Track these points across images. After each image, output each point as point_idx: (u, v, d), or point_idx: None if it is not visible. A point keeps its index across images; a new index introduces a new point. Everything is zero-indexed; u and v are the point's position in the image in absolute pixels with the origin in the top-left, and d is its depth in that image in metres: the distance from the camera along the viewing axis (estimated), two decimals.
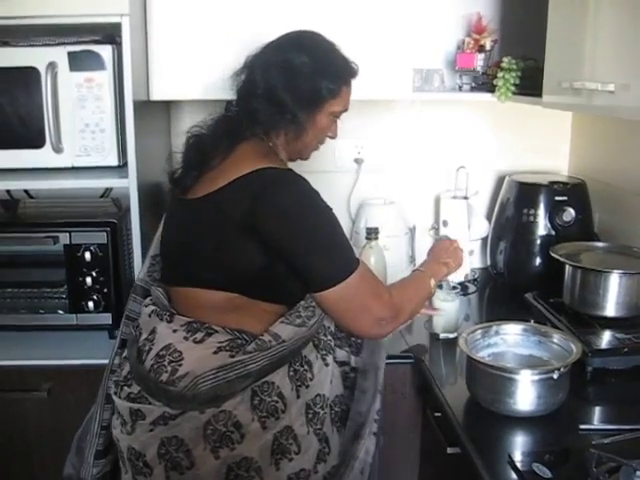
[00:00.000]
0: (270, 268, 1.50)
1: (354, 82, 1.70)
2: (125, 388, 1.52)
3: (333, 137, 1.73)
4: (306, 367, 1.53)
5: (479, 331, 1.75)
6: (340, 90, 1.63)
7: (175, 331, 1.49)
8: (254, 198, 1.45)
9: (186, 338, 1.47)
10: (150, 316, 1.56)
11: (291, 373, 1.50)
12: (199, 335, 1.47)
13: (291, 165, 1.66)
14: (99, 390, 1.70)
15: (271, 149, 1.60)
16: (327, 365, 1.58)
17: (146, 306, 1.61)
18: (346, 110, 1.69)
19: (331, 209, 1.55)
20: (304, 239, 1.49)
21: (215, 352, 1.45)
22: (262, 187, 1.46)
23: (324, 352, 1.59)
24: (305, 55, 1.58)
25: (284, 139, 1.63)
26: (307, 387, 1.51)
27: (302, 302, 1.55)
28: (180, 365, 1.44)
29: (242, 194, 1.47)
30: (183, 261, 1.58)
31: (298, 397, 1.49)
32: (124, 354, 1.61)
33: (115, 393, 1.55)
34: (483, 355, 1.70)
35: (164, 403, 1.43)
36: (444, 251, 1.84)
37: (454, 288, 2.04)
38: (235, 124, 1.60)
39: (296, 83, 1.57)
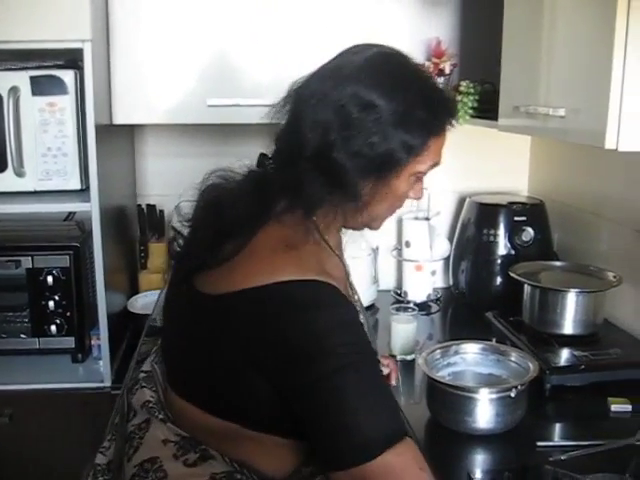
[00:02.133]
0: (277, 406, 1.11)
1: None
2: None
3: (417, 198, 1.26)
4: None
5: (438, 351, 1.76)
6: (427, 144, 1.15)
7: (165, 442, 1.17)
8: (265, 326, 1.07)
9: (176, 457, 1.15)
10: (142, 407, 1.25)
11: None
12: (191, 457, 1.15)
13: None
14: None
15: (311, 232, 1.16)
16: None
17: (141, 386, 1.29)
18: (437, 164, 1.21)
19: (371, 351, 1.13)
20: (320, 395, 1.04)
21: None
22: (277, 313, 1.07)
23: None
24: (377, 94, 1.11)
25: (339, 214, 1.19)
26: None
27: None
28: None
29: (251, 315, 1.08)
30: (180, 366, 1.24)
31: None
32: (116, 419, 1.33)
33: (93, 475, 1.28)
34: (443, 374, 1.71)
35: None
36: None
37: (411, 310, 2.06)
38: (267, 193, 1.17)
39: (360, 140, 1.10)
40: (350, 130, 1.10)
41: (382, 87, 1.12)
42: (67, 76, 1.98)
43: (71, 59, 2.03)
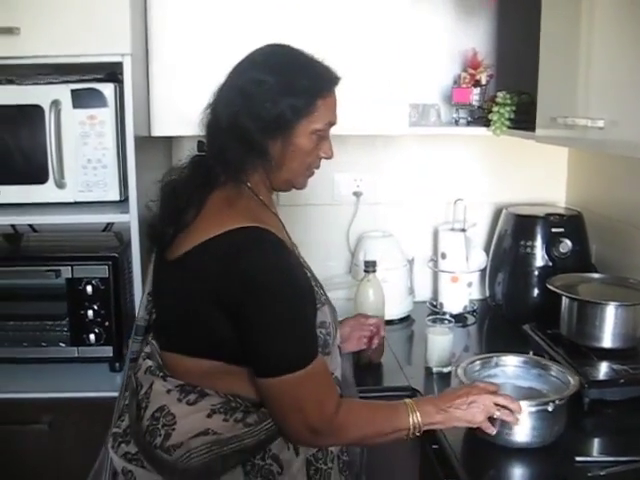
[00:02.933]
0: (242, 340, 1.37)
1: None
2: (122, 445, 1.44)
3: (328, 157, 1.53)
4: None
5: (478, 362, 1.76)
6: (313, 106, 1.43)
7: (169, 391, 1.41)
8: (218, 267, 1.34)
9: (179, 400, 1.40)
10: (146, 373, 1.47)
11: None
12: (192, 397, 1.39)
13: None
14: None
15: (247, 193, 1.45)
16: None
17: (144, 359, 1.51)
18: (332, 124, 1.50)
19: (303, 286, 1.41)
20: (260, 317, 1.33)
21: (209, 415, 1.37)
22: (227, 255, 1.33)
23: None
24: (267, 73, 1.41)
25: (263, 174, 1.46)
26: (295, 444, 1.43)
27: None
28: (173, 429, 1.37)
29: (208, 261, 1.36)
30: (165, 326, 1.50)
31: (297, 454, 1.42)
32: (126, 401, 1.52)
33: (112, 447, 1.46)
34: None
35: (157, 471, 1.37)
36: (453, 400, 1.49)
37: (448, 322, 2.05)
38: (206, 168, 1.46)
39: (257, 108, 1.39)
40: (249, 101, 1.39)
41: (270, 67, 1.42)
42: (107, 89, 2.02)
43: (111, 72, 2.07)
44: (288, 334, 1.35)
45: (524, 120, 2.13)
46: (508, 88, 2.27)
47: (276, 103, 1.39)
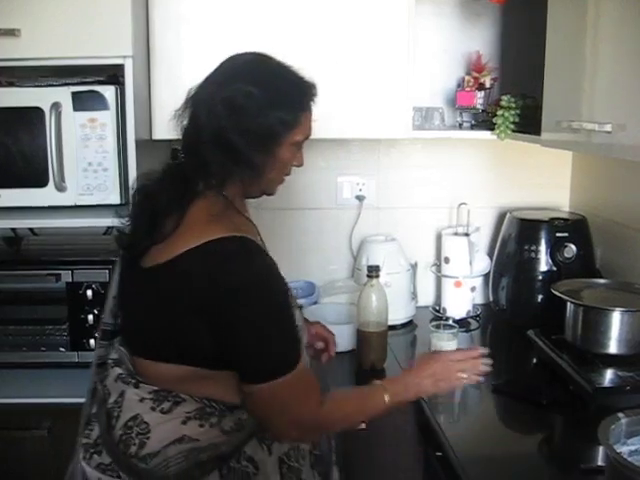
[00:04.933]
0: (215, 343, 1.37)
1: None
2: (95, 456, 1.42)
3: (299, 165, 1.55)
4: None
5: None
6: (298, 119, 1.45)
7: (142, 400, 1.41)
8: (202, 277, 1.34)
9: (153, 408, 1.39)
10: (116, 381, 1.46)
11: (260, 435, 1.43)
12: (166, 405, 1.39)
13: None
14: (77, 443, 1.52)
15: (225, 202, 1.44)
16: None
17: (112, 366, 1.49)
18: (308, 137, 1.51)
19: (285, 290, 1.42)
20: (248, 325, 1.35)
21: (184, 422, 1.38)
22: (211, 265, 1.34)
23: None
24: (252, 85, 1.39)
25: (242, 184, 1.47)
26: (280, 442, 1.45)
27: None
28: (148, 438, 1.37)
29: (190, 271, 1.35)
30: (138, 332, 1.48)
31: (270, 454, 1.43)
32: (93, 410, 1.50)
33: (84, 458, 1.44)
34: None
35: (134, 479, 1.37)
36: (418, 374, 1.60)
37: (451, 327, 2.03)
38: (185, 178, 1.45)
39: (246, 122, 1.39)
40: (237, 115, 1.38)
41: (257, 80, 1.41)
42: (108, 92, 2.00)
43: (112, 75, 2.06)
44: (277, 339, 1.38)
45: (528, 124, 2.12)
46: (512, 91, 2.26)
47: (266, 116, 1.40)
